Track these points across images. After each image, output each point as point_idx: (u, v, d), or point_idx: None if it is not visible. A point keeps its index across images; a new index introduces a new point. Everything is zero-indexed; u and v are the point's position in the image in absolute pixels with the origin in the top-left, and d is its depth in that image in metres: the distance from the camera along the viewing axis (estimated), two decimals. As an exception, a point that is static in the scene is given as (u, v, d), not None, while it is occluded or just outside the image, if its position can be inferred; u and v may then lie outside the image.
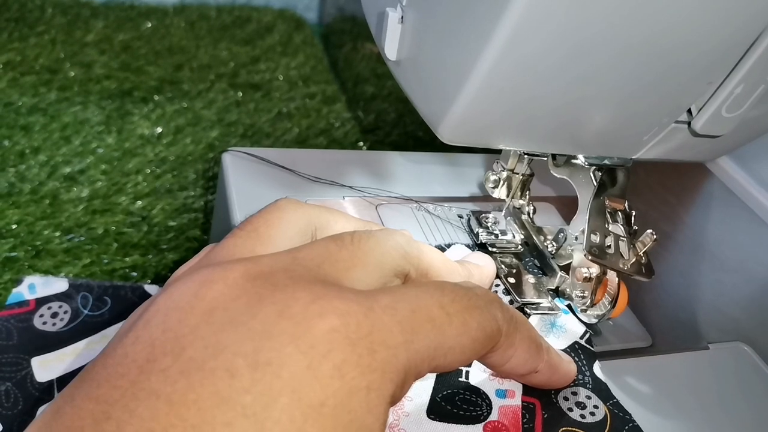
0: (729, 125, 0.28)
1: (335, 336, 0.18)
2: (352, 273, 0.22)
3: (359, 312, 0.19)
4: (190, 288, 0.20)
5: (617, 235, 0.32)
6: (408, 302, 0.20)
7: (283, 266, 0.21)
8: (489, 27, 0.23)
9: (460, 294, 0.22)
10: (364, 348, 0.18)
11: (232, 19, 0.86)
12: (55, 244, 0.49)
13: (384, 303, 0.20)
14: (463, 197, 0.43)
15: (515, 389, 0.30)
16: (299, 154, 0.44)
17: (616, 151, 0.31)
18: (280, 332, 0.18)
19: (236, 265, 0.20)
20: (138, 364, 0.18)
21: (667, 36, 0.24)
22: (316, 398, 0.17)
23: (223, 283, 0.20)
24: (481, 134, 0.28)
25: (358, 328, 0.19)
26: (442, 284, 0.23)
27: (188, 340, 0.18)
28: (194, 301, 0.19)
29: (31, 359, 0.39)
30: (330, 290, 0.20)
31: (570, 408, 0.30)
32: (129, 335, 0.19)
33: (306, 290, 0.19)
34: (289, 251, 0.22)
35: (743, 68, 0.25)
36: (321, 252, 0.22)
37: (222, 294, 0.19)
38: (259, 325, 0.18)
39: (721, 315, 0.42)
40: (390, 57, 0.30)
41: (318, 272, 0.21)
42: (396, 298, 0.20)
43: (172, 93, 0.70)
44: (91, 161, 0.57)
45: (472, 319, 0.22)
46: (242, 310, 0.19)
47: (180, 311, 0.19)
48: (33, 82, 0.66)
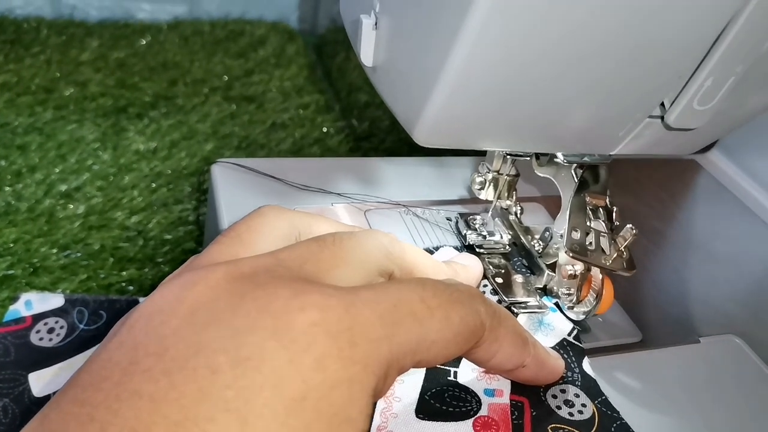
0: (702, 118, 0.28)
1: (316, 330, 0.18)
2: (334, 272, 0.22)
3: (339, 306, 0.19)
4: (171, 291, 0.20)
5: (598, 232, 0.32)
6: (389, 296, 0.21)
7: (265, 267, 0.21)
8: (454, 29, 0.23)
9: (441, 289, 0.22)
10: (345, 341, 0.19)
11: (226, 33, 0.87)
12: (52, 261, 0.49)
13: (365, 297, 0.20)
14: (451, 200, 0.44)
15: (503, 388, 0.30)
16: (288, 163, 0.44)
17: (593, 147, 0.31)
18: (261, 327, 0.18)
19: (218, 268, 0.21)
20: (121, 367, 0.18)
21: (634, 30, 0.24)
22: (298, 392, 0.17)
23: (204, 284, 0.20)
24: (456, 136, 0.28)
25: (338, 322, 0.19)
26: (424, 280, 0.23)
27: (170, 341, 0.18)
28: (175, 304, 0.20)
29: (29, 375, 0.39)
30: (311, 286, 0.20)
31: (558, 406, 0.30)
32: (113, 341, 0.19)
33: (287, 287, 0.20)
34: (272, 253, 0.22)
35: (711, 61, 0.25)
36: (303, 253, 0.22)
37: (203, 295, 0.20)
38: (239, 321, 0.19)
39: (713, 309, 0.42)
40: (366, 63, 0.30)
41: (300, 272, 0.21)
42: (377, 293, 0.21)
43: (167, 108, 0.70)
44: (87, 178, 0.58)
45: (454, 313, 0.22)
46: (223, 308, 0.19)
47: (162, 314, 0.19)
48: (29, 102, 0.67)
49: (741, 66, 0.26)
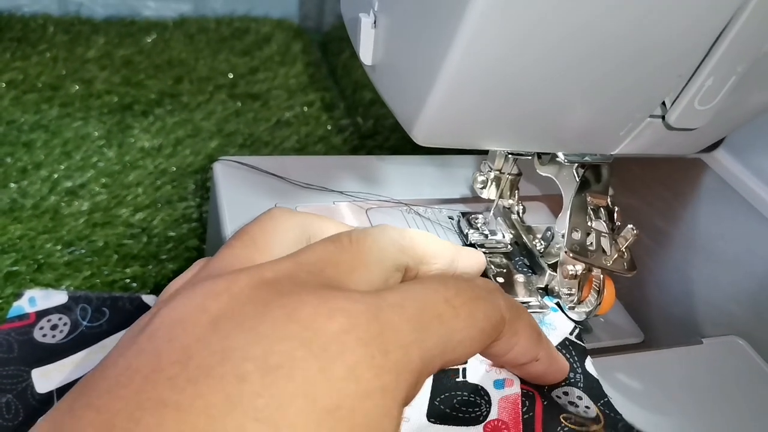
0: (703, 118, 0.27)
1: (347, 337, 0.18)
2: (355, 275, 0.22)
3: (368, 312, 0.19)
4: (193, 300, 0.20)
5: (599, 232, 0.32)
6: (415, 300, 0.20)
7: (287, 273, 0.20)
8: (452, 27, 0.23)
9: (463, 286, 0.22)
10: (376, 348, 0.18)
11: (231, 31, 0.87)
12: (57, 258, 0.50)
13: (391, 301, 0.20)
14: (453, 199, 0.44)
15: (513, 378, 0.30)
16: (290, 161, 0.44)
17: (594, 147, 0.31)
18: (290, 335, 0.18)
19: (240, 275, 0.20)
20: (142, 375, 0.18)
21: (635, 29, 0.24)
22: (330, 401, 0.17)
23: (228, 293, 0.19)
24: (456, 135, 0.28)
25: (368, 328, 0.18)
26: (445, 279, 0.23)
27: (195, 349, 0.18)
28: (199, 314, 0.19)
29: (32, 371, 0.40)
30: (337, 292, 0.19)
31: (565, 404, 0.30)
32: (132, 348, 0.19)
33: (312, 294, 0.19)
34: (290, 256, 0.22)
35: (712, 60, 0.25)
36: (322, 255, 0.22)
37: (226, 304, 0.19)
38: (267, 329, 0.18)
39: (716, 310, 0.42)
40: (365, 62, 0.30)
41: (322, 277, 0.21)
42: (403, 297, 0.20)
43: (172, 105, 0.71)
44: (92, 175, 0.58)
45: (477, 310, 0.22)
46: (249, 316, 0.19)
47: (185, 323, 0.19)
48: (35, 100, 0.67)
49: (742, 65, 0.26)
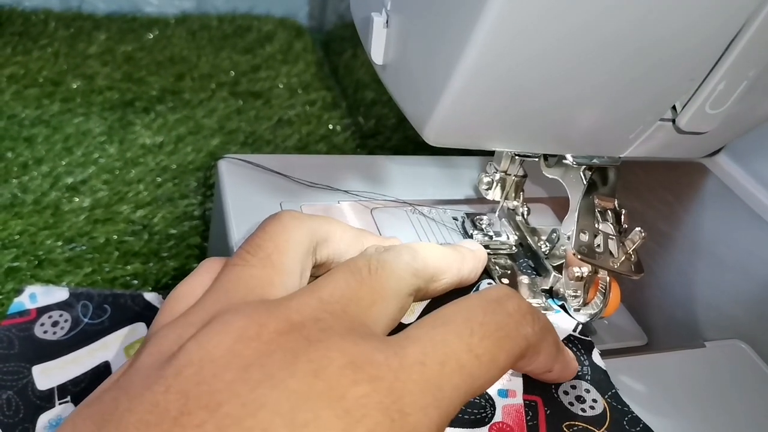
0: (714, 122, 0.28)
1: (368, 401, 0.19)
2: (374, 310, 0.23)
3: (389, 375, 0.19)
4: (223, 341, 0.20)
5: (606, 234, 0.32)
6: (436, 352, 0.21)
7: (313, 315, 0.21)
8: (467, 28, 0.23)
9: (491, 328, 0.22)
10: (396, 412, 0.19)
11: (233, 29, 0.87)
12: (57, 254, 0.49)
13: (412, 358, 0.20)
14: (457, 199, 0.44)
15: (516, 389, 0.30)
16: (295, 160, 0.44)
17: (603, 150, 0.31)
18: (317, 394, 0.18)
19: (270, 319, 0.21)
20: (171, 416, 0.18)
21: (648, 32, 0.24)
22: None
23: (257, 338, 0.20)
24: (466, 135, 0.28)
25: (389, 393, 0.19)
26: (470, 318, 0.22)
27: (224, 396, 0.18)
28: (229, 357, 0.19)
29: (32, 368, 0.39)
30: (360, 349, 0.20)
31: (571, 402, 0.30)
32: (159, 383, 0.19)
33: (338, 349, 0.20)
34: (313, 291, 0.22)
35: (724, 64, 0.25)
36: (344, 292, 0.22)
37: (256, 350, 0.20)
38: (295, 384, 0.19)
39: (718, 313, 0.42)
40: (377, 61, 0.30)
41: (345, 318, 0.22)
42: (424, 350, 0.21)
43: (174, 102, 0.70)
44: (93, 171, 0.58)
45: (501, 352, 0.22)
46: (278, 367, 0.19)
47: (214, 365, 0.19)
48: (36, 95, 0.67)
49: (754, 70, 0.26)
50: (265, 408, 0.18)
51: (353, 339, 0.20)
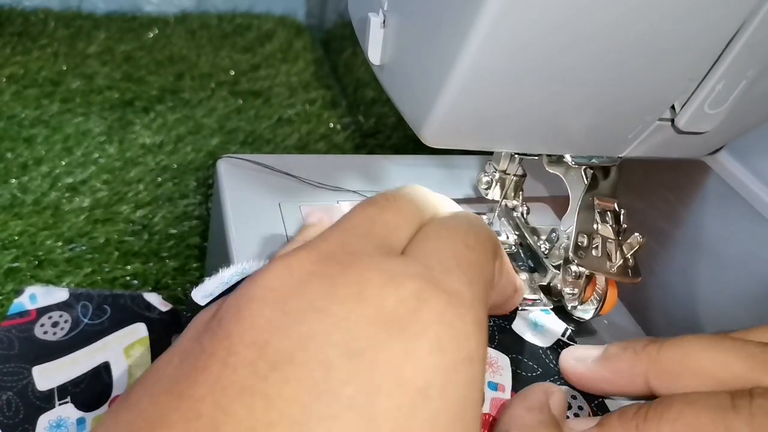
0: (713, 122, 0.27)
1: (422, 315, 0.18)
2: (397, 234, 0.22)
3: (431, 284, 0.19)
4: (257, 281, 0.20)
5: (605, 237, 0.32)
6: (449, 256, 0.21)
7: (340, 242, 0.21)
8: (464, 28, 0.23)
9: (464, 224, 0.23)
10: (453, 316, 0.18)
11: (233, 27, 0.86)
12: (57, 254, 0.49)
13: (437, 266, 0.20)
14: (457, 199, 0.43)
15: (505, 384, 0.30)
16: (294, 159, 0.44)
17: (602, 149, 0.31)
18: (367, 318, 0.18)
19: (297, 252, 0.20)
20: (219, 358, 0.18)
21: (646, 32, 0.24)
22: (421, 382, 0.17)
23: (288, 270, 0.19)
24: (464, 137, 0.28)
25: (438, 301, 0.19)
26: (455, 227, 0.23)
27: (268, 332, 0.18)
28: (263, 292, 0.19)
29: (32, 368, 0.39)
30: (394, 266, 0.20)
31: None
32: (205, 333, 0.19)
33: (373, 269, 0.19)
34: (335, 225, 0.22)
35: (723, 64, 0.25)
36: (364, 219, 0.22)
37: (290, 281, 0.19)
38: (341, 311, 0.18)
39: (719, 313, 0.42)
40: (374, 62, 0.30)
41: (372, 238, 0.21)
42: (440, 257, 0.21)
43: (173, 102, 0.70)
44: (93, 171, 0.58)
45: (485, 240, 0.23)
46: (319, 295, 0.19)
47: (251, 302, 0.19)
48: (36, 95, 0.67)
49: (753, 69, 0.26)
50: (316, 338, 0.17)
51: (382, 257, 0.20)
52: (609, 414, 0.25)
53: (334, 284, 0.19)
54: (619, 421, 0.24)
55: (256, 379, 0.17)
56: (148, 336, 0.43)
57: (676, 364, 0.25)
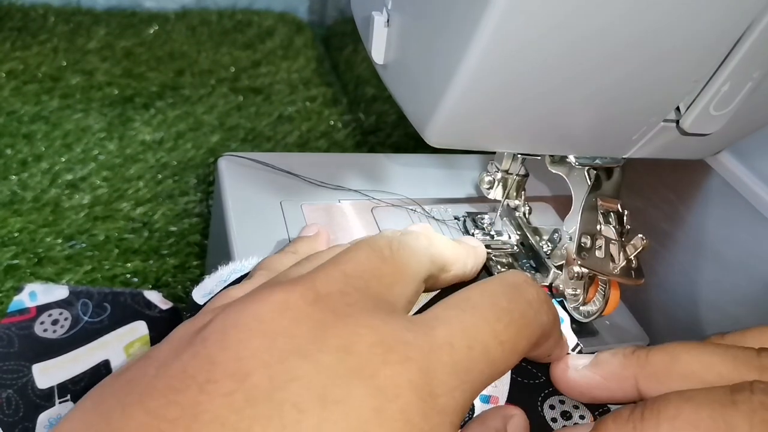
0: (718, 123, 0.27)
1: (400, 381, 0.18)
2: (396, 289, 0.22)
3: (419, 356, 0.19)
4: (248, 308, 0.20)
5: (608, 239, 0.32)
6: (464, 335, 0.21)
7: (338, 289, 0.21)
8: (470, 28, 0.23)
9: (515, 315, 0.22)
10: (426, 393, 0.19)
11: (233, 24, 0.86)
12: (57, 252, 0.49)
13: (441, 339, 0.20)
14: (459, 198, 0.43)
15: (498, 396, 0.30)
16: (295, 158, 0.44)
17: (606, 150, 0.31)
18: (348, 371, 0.18)
19: (295, 287, 0.20)
20: (198, 382, 0.18)
21: (651, 34, 0.24)
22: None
23: (283, 306, 0.19)
24: (468, 136, 0.28)
25: (420, 374, 0.19)
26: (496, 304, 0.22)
27: (251, 365, 0.18)
28: (253, 323, 0.19)
29: (32, 366, 0.39)
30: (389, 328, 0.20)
31: (554, 418, 0.30)
32: (187, 350, 0.19)
33: (367, 326, 0.19)
34: (336, 265, 0.22)
35: (729, 66, 0.25)
36: (366, 268, 0.22)
37: (283, 318, 0.19)
38: (326, 359, 0.18)
39: (721, 313, 0.42)
40: (377, 61, 0.30)
41: (369, 295, 0.21)
42: (452, 331, 0.20)
43: (174, 98, 0.70)
44: (93, 168, 0.58)
45: (522, 339, 0.22)
46: (307, 340, 0.19)
47: (239, 331, 0.19)
48: (35, 91, 0.66)
49: (758, 71, 0.26)
50: (296, 381, 0.18)
51: (380, 316, 0.20)
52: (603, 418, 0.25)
53: (324, 332, 0.19)
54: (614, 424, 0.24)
55: (230, 411, 0.17)
56: (149, 334, 0.43)
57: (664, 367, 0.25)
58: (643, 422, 0.23)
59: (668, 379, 0.25)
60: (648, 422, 0.23)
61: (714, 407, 0.22)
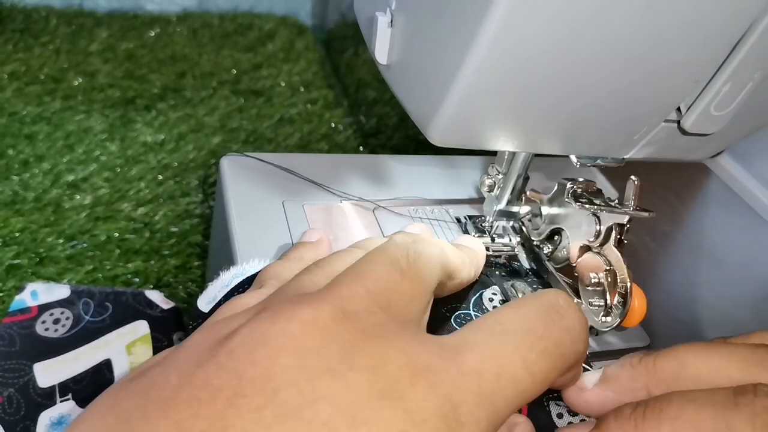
0: (719, 123, 0.27)
1: (428, 405, 0.18)
2: (414, 304, 0.23)
3: (447, 382, 0.19)
4: (277, 323, 0.19)
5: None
6: (493, 363, 0.20)
7: (365, 308, 0.21)
8: (473, 28, 0.23)
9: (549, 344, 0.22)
10: (453, 420, 0.18)
11: (235, 27, 0.86)
12: (59, 251, 0.49)
13: (470, 366, 0.20)
14: (460, 200, 0.43)
15: None
16: (297, 159, 0.44)
17: (607, 151, 0.31)
18: (377, 392, 0.18)
19: (323, 304, 0.20)
20: (225, 396, 0.17)
21: (653, 34, 0.24)
22: None
23: (313, 324, 0.19)
24: (471, 136, 0.28)
25: (447, 400, 0.19)
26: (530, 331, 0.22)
27: (281, 382, 0.18)
28: (282, 340, 0.19)
29: (34, 365, 0.39)
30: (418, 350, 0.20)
31: (560, 414, 0.30)
32: (211, 361, 0.19)
33: (396, 348, 0.19)
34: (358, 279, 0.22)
35: (730, 66, 0.25)
36: (387, 284, 0.22)
37: (312, 336, 0.19)
38: (355, 379, 0.18)
39: (721, 315, 0.42)
40: (381, 61, 0.30)
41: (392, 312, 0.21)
42: (482, 359, 0.20)
43: (175, 100, 0.70)
44: (94, 169, 0.58)
45: (554, 370, 0.22)
46: (337, 359, 0.19)
47: (268, 347, 0.19)
48: (37, 92, 0.66)
49: (759, 72, 0.26)
50: (325, 400, 0.17)
51: (408, 338, 0.20)
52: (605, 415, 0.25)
53: (354, 351, 0.19)
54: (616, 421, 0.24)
55: (259, 427, 0.17)
56: (150, 333, 0.43)
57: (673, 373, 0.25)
58: (644, 421, 0.23)
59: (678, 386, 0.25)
60: (650, 421, 0.23)
61: (716, 409, 0.22)
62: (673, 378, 0.25)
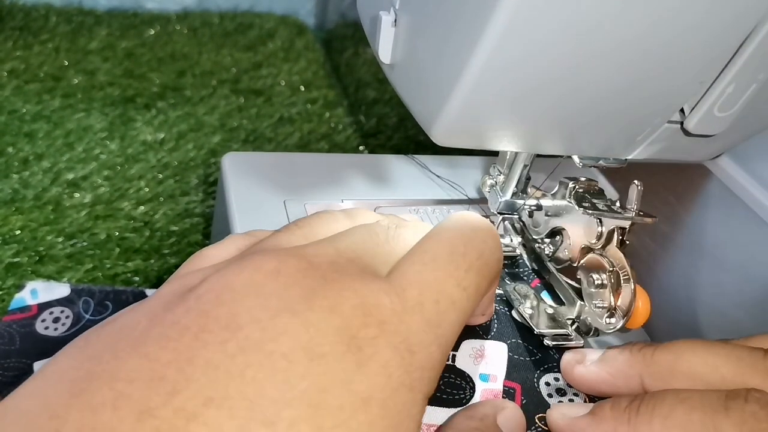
0: (722, 125, 0.28)
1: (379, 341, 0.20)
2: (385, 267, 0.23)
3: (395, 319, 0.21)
4: (244, 271, 0.21)
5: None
6: (430, 290, 0.22)
7: (329, 260, 0.22)
8: (478, 28, 0.23)
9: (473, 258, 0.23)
10: (405, 350, 0.20)
11: (235, 26, 0.86)
12: (58, 250, 0.49)
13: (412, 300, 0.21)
14: (461, 199, 0.44)
15: (497, 374, 0.30)
16: (298, 158, 0.44)
17: (610, 151, 0.31)
18: (333, 329, 0.19)
19: (289, 257, 0.21)
20: (192, 332, 0.19)
21: (658, 35, 0.24)
22: (365, 392, 0.19)
23: (276, 273, 0.21)
24: (474, 135, 0.28)
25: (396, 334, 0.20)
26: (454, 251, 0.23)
27: (245, 320, 0.19)
28: (248, 284, 0.20)
29: (33, 364, 0.39)
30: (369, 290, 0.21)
31: (550, 394, 0.30)
32: (180, 305, 0.20)
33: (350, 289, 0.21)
34: (331, 242, 0.23)
35: (734, 67, 0.25)
36: (360, 245, 0.24)
37: (276, 281, 0.20)
38: (314, 317, 0.19)
39: (721, 316, 0.42)
40: (384, 60, 0.30)
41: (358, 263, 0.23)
42: (421, 288, 0.22)
43: (175, 99, 0.70)
44: (94, 167, 0.58)
45: (483, 280, 0.24)
46: (298, 300, 0.20)
47: (234, 291, 0.20)
48: (37, 90, 0.66)
49: (764, 73, 0.26)
50: (285, 335, 0.19)
51: (365, 281, 0.21)
52: (601, 402, 0.26)
53: (313, 294, 0.20)
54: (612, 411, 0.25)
55: (223, 356, 0.18)
56: (150, 332, 0.43)
57: (669, 366, 0.26)
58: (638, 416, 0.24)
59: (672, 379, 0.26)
60: (642, 417, 0.24)
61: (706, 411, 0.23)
62: (668, 371, 0.26)
